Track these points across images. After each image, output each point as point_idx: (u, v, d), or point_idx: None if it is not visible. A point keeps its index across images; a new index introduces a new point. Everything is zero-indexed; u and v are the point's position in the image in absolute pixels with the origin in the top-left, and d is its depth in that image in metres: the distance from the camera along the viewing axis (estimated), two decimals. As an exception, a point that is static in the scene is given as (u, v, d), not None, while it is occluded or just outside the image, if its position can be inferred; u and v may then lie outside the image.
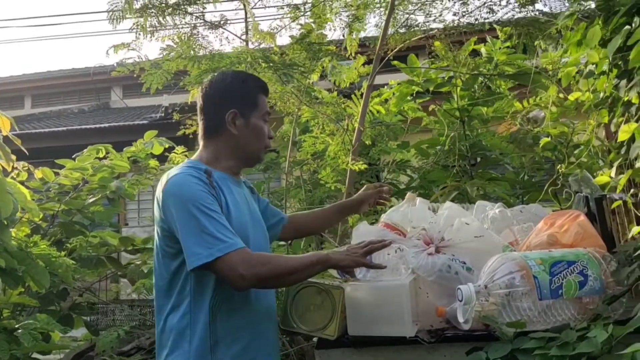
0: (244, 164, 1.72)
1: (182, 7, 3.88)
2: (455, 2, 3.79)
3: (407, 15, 4.03)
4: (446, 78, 3.67)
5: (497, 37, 3.58)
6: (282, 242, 3.15)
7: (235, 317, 1.56)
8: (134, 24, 3.77)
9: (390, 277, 1.72)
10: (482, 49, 3.65)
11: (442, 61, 3.71)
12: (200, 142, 1.72)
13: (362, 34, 4.31)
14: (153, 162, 3.36)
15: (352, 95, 4.04)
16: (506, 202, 3.23)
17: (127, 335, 2.72)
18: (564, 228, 1.73)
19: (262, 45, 3.88)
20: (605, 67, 1.82)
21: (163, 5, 3.78)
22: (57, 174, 3.23)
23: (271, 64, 3.35)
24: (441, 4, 3.87)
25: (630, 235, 1.78)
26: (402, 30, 4.02)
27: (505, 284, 1.53)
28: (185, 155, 3.48)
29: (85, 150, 3.23)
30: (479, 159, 3.69)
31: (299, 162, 4.20)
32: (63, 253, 2.67)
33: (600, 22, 1.75)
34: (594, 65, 1.89)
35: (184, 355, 1.51)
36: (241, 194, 1.68)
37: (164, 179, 1.59)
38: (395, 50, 4.01)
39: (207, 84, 1.72)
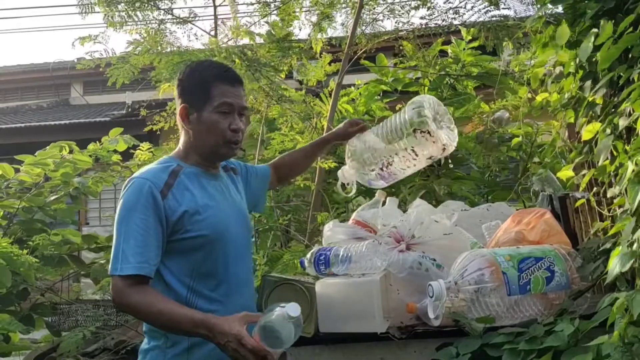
0: (206, 160, 1.60)
1: (152, 0, 3.83)
2: (421, 6, 3.83)
3: (375, 16, 4.06)
4: (414, 77, 3.71)
5: (462, 39, 3.64)
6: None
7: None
8: (105, 16, 3.71)
9: (364, 272, 1.72)
10: (450, 50, 3.70)
11: (410, 61, 3.75)
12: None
13: (331, 33, 4.32)
14: (115, 158, 3.28)
15: (321, 94, 4.04)
16: (471, 201, 3.30)
17: (92, 336, 2.65)
18: (531, 225, 1.77)
19: (232, 42, 3.86)
20: (572, 69, 1.87)
21: (132, -1, 3.73)
22: (17, 170, 3.13)
23: (245, 61, 3.32)
24: (408, 8, 3.91)
25: (593, 232, 1.83)
26: (370, 30, 4.04)
27: (474, 280, 1.56)
28: (151, 152, 3.43)
29: (47, 147, 3.13)
30: (445, 158, 3.75)
31: (267, 160, 4.18)
32: (25, 251, 2.58)
33: (567, 24, 1.79)
34: (562, 67, 1.94)
35: (161, 352, 1.49)
36: (217, 187, 1.61)
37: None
38: (363, 50, 4.03)
39: None
